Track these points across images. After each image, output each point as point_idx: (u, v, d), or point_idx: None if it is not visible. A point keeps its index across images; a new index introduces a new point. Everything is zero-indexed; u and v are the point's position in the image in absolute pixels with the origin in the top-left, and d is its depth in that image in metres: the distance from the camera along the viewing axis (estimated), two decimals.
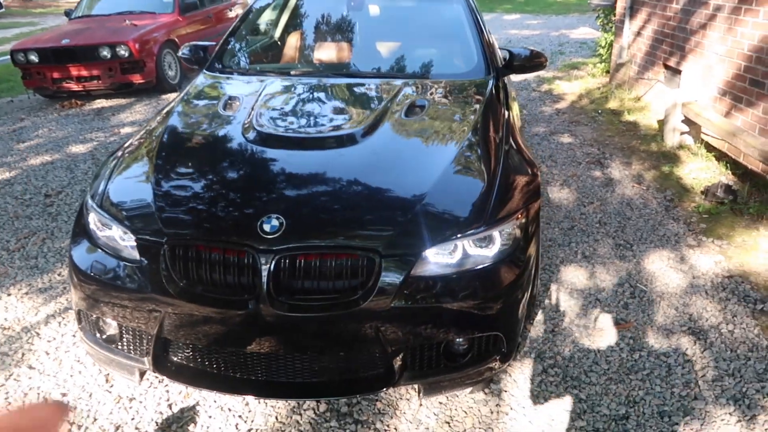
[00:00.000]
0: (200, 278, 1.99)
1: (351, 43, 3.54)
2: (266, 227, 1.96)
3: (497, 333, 2.12)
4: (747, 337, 2.66)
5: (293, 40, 3.70)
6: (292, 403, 2.30)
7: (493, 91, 2.96)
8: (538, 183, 2.41)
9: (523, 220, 2.19)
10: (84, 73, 7.00)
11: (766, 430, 2.16)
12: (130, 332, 2.18)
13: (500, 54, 3.63)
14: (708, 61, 4.97)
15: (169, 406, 2.30)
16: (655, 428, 2.17)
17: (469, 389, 2.33)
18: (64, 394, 2.37)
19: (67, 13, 8.50)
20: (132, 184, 2.34)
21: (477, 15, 3.58)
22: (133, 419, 2.25)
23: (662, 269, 3.25)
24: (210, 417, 2.25)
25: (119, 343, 2.21)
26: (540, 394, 2.35)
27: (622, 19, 6.72)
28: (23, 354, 2.62)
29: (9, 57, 7.16)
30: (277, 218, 1.98)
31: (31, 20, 17.40)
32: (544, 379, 2.43)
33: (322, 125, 2.61)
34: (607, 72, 7.80)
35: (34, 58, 6.96)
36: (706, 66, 5.00)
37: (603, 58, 8.11)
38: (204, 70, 3.32)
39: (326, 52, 3.47)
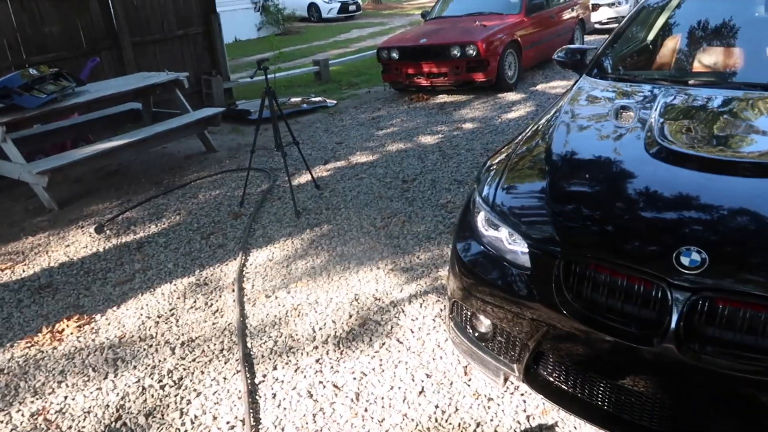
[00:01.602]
0: (596, 300, 1.88)
1: (762, 50, 3.02)
2: (684, 260, 1.73)
3: None
4: None
5: (688, 46, 3.31)
6: None
7: None
8: None
9: None
10: (434, 69, 7.59)
11: None
12: (504, 335, 2.18)
13: None
14: None
15: (527, 418, 2.27)
16: None
17: None
18: (428, 375, 2.53)
19: (424, 15, 9.34)
20: (524, 189, 2.33)
21: None
22: (492, 420, 2.27)
23: None
24: None
25: (490, 343, 2.24)
26: None
27: None
28: (392, 327, 2.89)
29: (374, 53, 8.17)
30: (698, 252, 1.73)
31: (381, 20, 19.79)
32: None
33: (738, 147, 2.25)
34: None
35: (395, 55, 7.80)
36: None
37: None
38: (585, 75, 3.19)
39: (731, 61, 3.01)
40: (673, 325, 1.69)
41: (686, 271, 1.71)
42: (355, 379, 2.55)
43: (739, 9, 3.22)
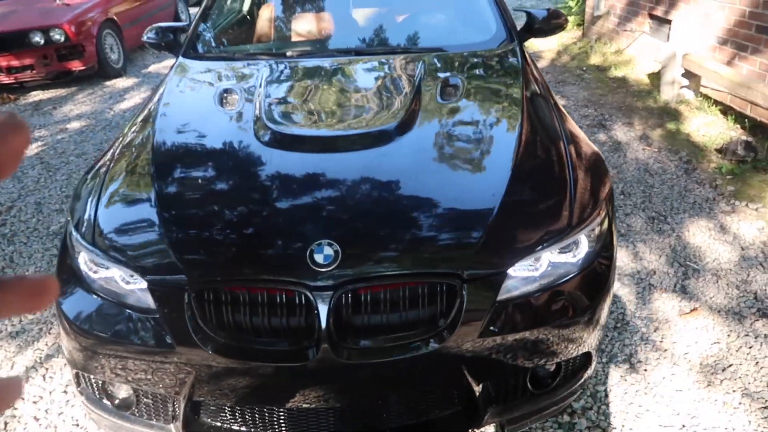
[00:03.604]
0: (239, 326, 1.60)
1: (354, 14, 3.07)
2: (318, 258, 1.56)
3: (587, 347, 1.82)
4: None
5: (286, 14, 3.18)
6: None
7: (523, 60, 2.60)
8: (602, 157, 2.09)
9: (603, 214, 1.87)
10: (15, 62, 6.19)
11: None
12: (151, 396, 1.77)
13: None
14: (704, 8, 4.73)
15: None
16: None
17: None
18: None
19: None
20: (129, 209, 1.88)
21: None
22: None
23: (706, 242, 3.01)
24: None
25: (136, 409, 1.80)
26: (628, 408, 2.07)
27: None
28: (6, 423, 2.16)
29: None
30: (330, 245, 1.58)
31: None
32: (627, 389, 2.15)
33: (350, 119, 2.19)
34: (579, 25, 7.53)
35: None
36: (702, 14, 4.76)
37: (573, 10, 7.83)
38: (181, 57, 2.80)
39: (327, 27, 2.99)
40: (323, 329, 1.52)
41: (322, 269, 1.55)
42: None
43: None
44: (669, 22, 5.29)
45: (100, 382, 1.82)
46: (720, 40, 4.56)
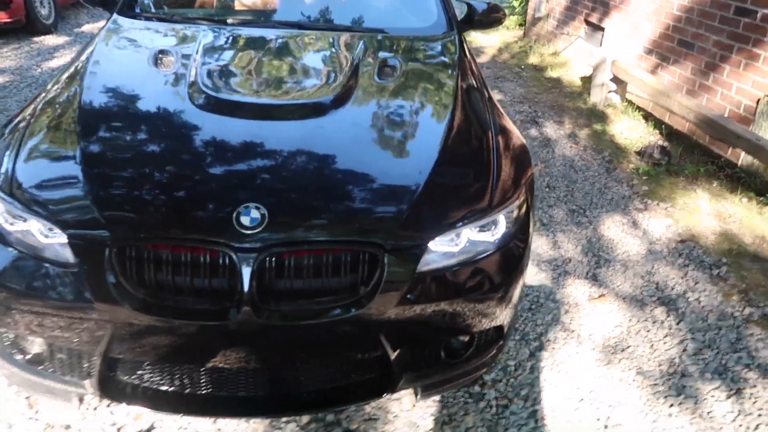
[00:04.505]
0: (161, 285, 1.60)
1: None
2: (245, 220, 1.59)
3: (500, 322, 1.93)
4: (713, 305, 2.69)
5: None
6: None
7: (461, 49, 2.69)
8: (527, 149, 2.21)
9: (523, 198, 1.98)
10: None
11: (754, 403, 2.17)
12: (66, 351, 1.75)
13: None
14: (635, 18, 4.99)
15: (118, 430, 1.91)
16: (654, 413, 2.12)
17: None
18: None
19: None
20: (51, 164, 1.83)
21: None
22: None
23: (619, 235, 3.22)
24: None
25: (49, 364, 1.78)
26: (534, 382, 2.21)
27: None
28: None
29: None
30: (257, 208, 1.61)
31: None
32: (535, 365, 2.29)
33: (287, 89, 2.21)
34: (521, 25, 7.76)
35: None
36: (633, 24, 5.02)
37: (516, 10, 8.06)
38: (116, 14, 2.72)
39: None
40: (245, 291, 1.56)
41: (248, 231, 1.58)
42: None
43: None
44: (602, 29, 5.55)
45: (11, 336, 1.78)
46: (646, 50, 4.83)
